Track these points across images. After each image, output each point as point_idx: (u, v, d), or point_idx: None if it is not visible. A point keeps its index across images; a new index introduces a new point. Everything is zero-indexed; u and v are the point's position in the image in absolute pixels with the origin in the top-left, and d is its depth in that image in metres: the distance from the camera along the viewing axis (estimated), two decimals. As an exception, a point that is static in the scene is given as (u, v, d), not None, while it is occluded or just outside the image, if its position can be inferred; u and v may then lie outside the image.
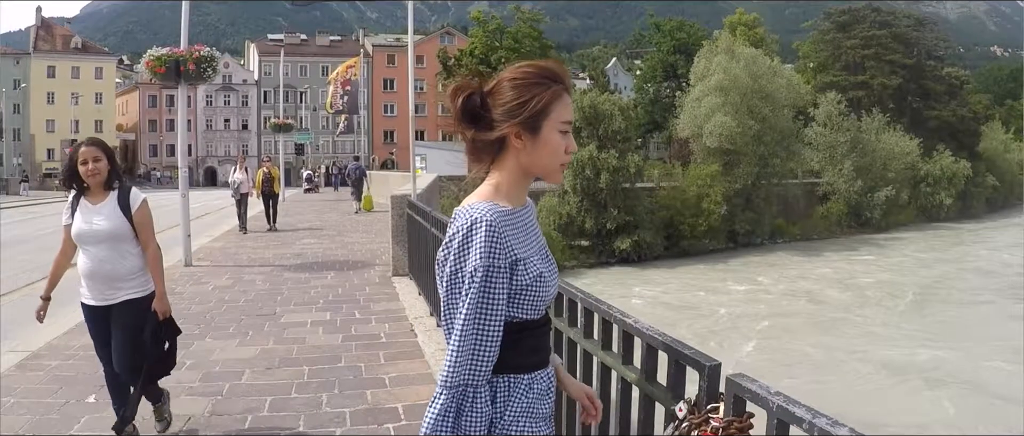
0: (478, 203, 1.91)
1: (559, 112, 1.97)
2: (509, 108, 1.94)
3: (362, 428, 4.83)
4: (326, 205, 32.26)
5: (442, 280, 1.91)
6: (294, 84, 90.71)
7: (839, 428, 1.57)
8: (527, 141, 1.96)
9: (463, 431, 1.86)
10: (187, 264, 12.58)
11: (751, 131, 43.89)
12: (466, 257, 1.85)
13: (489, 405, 1.90)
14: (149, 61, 12.08)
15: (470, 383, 1.85)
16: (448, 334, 1.89)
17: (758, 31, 65.75)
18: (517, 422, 1.94)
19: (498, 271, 1.85)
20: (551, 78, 1.98)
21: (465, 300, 1.84)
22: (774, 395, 1.79)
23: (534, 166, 1.99)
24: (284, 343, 7.22)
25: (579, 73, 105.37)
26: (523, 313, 1.94)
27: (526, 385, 1.98)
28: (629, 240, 39.31)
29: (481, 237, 1.83)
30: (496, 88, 1.97)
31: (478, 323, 1.83)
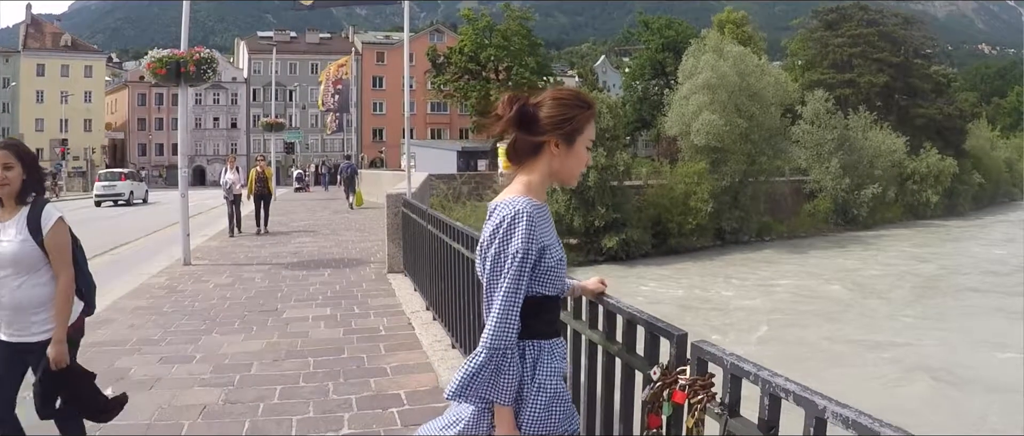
0: (517, 197, 2.32)
1: (589, 132, 2.43)
2: (554, 121, 2.36)
3: (368, 413, 5.14)
4: (318, 204, 32.52)
5: (486, 261, 2.30)
6: (284, 82, 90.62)
7: (777, 377, 2.03)
8: (562, 150, 2.39)
9: (501, 386, 2.25)
10: (186, 263, 12.84)
11: (738, 129, 44.11)
12: (510, 241, 2.25)
13: (519, 366, 2.30)
14: (150, 63, 12.33)
15: (507, 346, 2.24)
16: (489, 306, 2.29)
17: (746, 29, 65.92)
18: (550, 379, 2.36)
19: (531, 255, 2.27)
20: (588, 104, 2.43)
21: (506, 276, 2.24)
22: (728, 355, 2.24)
23: (562, 171, 2.43)
24: (288, 337, 7.52)
25: (568, 71, 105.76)
26: (548, 290, 2.38)
27: (549, 349, 2.41)
28: (617, 238, 39.43)
29: (523, 226, 2.24)
30: (542, 102, 2.39)
31: (515, 296, 2.25)
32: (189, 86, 13.06)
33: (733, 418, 2.23)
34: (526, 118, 2.35)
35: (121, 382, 6.01)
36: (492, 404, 2.29)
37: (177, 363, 6.61)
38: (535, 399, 2.33)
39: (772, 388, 2.04)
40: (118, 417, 5.10)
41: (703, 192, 42.80)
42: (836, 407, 1.81)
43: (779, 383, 2.02)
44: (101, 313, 8.66)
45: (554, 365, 2.40)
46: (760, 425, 2.11)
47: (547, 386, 2.35)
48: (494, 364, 2.23)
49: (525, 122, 2.36)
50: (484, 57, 63.53)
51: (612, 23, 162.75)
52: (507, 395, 2.26)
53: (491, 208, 2.38)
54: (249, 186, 19.17)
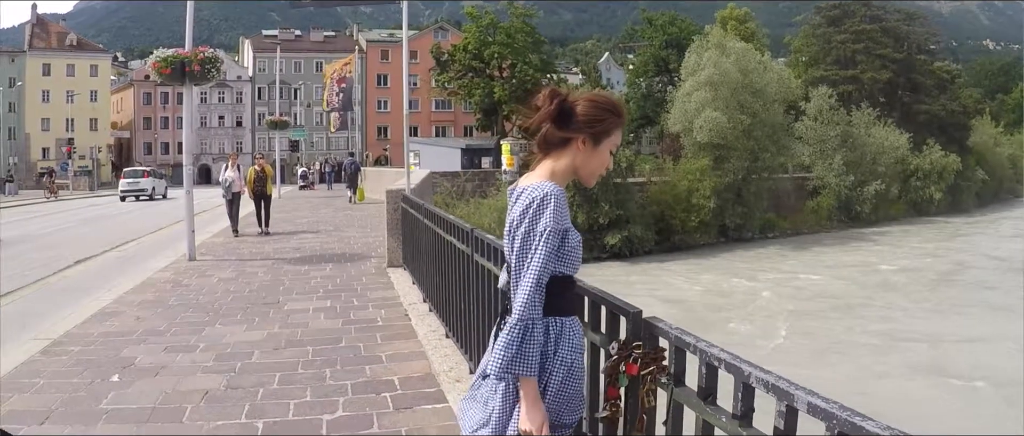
0: (544, 181, 2.46)
1: (615, 137, 2.59)
2: (588, 120, 2.53)
3: (362, 397, 5.37)
4: (322, 201, 32.81)
5: (515, 239, 2.43)
6: (288, 80, 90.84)
7: (712, 348, 2.26)
8: (588, 148, 2.55)
9: (528, 357, 2.40)
10: (191, 258, 13.11)
11: (741, 126, 44.18)
12: (538, 220, 2.39)
13: (543, 338, 2.46)
14: (155, 62, 12.61)
15: (534, 317, 2.40)
16: (516, 283, 2.44)
17: (749, 26, 65.99)
18: (571, 353, 2.52)
19: (558, 234, 2.41)
20: (619, 111, 2.59)
21: (536, 253, 2.38)
22: (673, 329, 2.49)
23: (584, 168, 2.58)
24: (289, 327, 7.76)
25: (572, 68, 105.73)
26: (570, 269, 2.53)
27: (570, 326, 2.56)
28: (620, 235, 39.52)
29: (552, 206, 2.38)
30: (578, 101, 2.55)
31: (544, 272, 2.39)
32: (194, 85, 13.29)
33: (678, 387, 2.47)
34: (563, 113, 2.51)
35: (127, 369, 6.29)
36: (516, 377, 2.44)
37: (181, 352, 6.85)
38: (557, 372, 2.48)
39: (708, 358, 2.26)
40: (124, 400, 5.41)
41: (705, 189, 42.88)
42: (760, 373, 2.03)
43: (714, 353, 2.23)
44: (108, 306, 9.03)
45: (575, 342, 2.55)
46: (699, 392, 2.34)
47: (568, 360, 2.50)
48: (521, 334, 2.39)
49: (562, 117, 2.51)
50: (488, 54, 63.64)
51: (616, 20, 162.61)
52: (532, 366, 2.40)
53: (519, 191, 2.52)
54: (248, 185, 18.41)
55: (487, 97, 63.91)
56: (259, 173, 18.28)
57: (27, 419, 5.14)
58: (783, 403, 1.92)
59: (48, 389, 5.83)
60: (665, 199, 42.93)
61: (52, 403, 5.46)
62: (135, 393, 5.64)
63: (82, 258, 15.47)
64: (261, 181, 18.27)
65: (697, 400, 2.34)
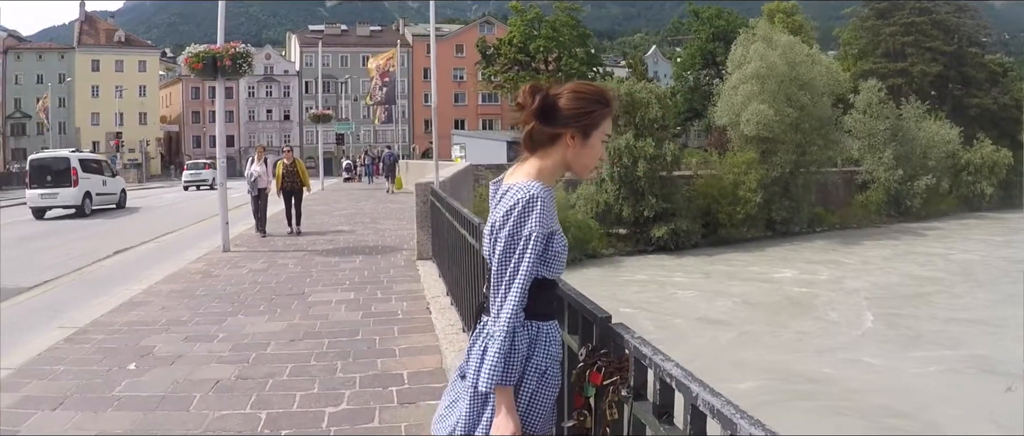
0: (530, 181, 2.35)
1: (605, 127, 2.46)
2: (574, 113, 2.40)
3: (368, 390, 5.38)
4: (363, 193, 33.04)
5: (498, 241, 2.33)
6: (335, 74, 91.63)
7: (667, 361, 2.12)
8: (577, 142, 2.43)
9: (511, 366, 2.29)
10: (225, 249, 13.27)
11: (788, 119, 43.59)
12: (524, 223, 2.28)
13: (525, 344, 2.36)
14: (187, 58, 12.85)
15: (517, 325, 2.29)
16: (497, 286, 2.33)
17: (797, 18, 65.09)
18: (546, 360, 2.42)
19: (543, 238, 2.31)
20: (607, 100, 2.46)
21: (521, 259, 2.28)
22: (634, 339, 2.34)
23: (576, 163, 2.46)
24: (309, 319, 7.81)
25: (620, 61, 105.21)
26: (551, 273, 2.41)
27: (546, 331, 2.44)
28: (666, 228, 39.31)
29: (538, 209, 2.28)
30: (562, 94, 2.42)
31: (527, 278, 2.29)
32: (225, 80, 13.44)
33: (638, 401, 2.32)
34: (547, 109, 2.39)
35: (145, 358, 6.40)
36: None
37: (200, 342, 6.95)
38: (529, 379, 2.39)
39: (661, 373, 2.12)
40: (136, 388, 5.50)
41: (752, 182, 42.51)
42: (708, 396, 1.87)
43: (668, 369, 2.08)
44: (137, 296, 9.18)
45: (550, 348, 2.44)
46: (655, 409, 2.20)
47: (541, 367, 2.40)
48: (509, 344, 2.28)
49: (546, 113, 2.39)
50: (533, 48, 63.73)
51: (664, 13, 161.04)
52: (513, 375, 2.30)
53: (503, 190, 2.43)
54: (277, 182, 16.57)
55: (533, 91, 63.83)
56: (288, 167, 16.50)
57: (41, 404, 5.27)
58: (727, 432, 1.80)
59: (66, 376, 5.96)
60: (711, 192, 42.64)
61: (67, 389, 5.59)
62: (148, 381, 5.72)
63: (121, 248, 15.76)
64: (290, 176, 16.43)
65: (652, 417, 2.21)
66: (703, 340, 21.96)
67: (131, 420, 4.90)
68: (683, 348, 20.16)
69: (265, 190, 16.04)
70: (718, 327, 23.74)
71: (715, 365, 18.23)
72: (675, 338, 21.65)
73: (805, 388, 17.55)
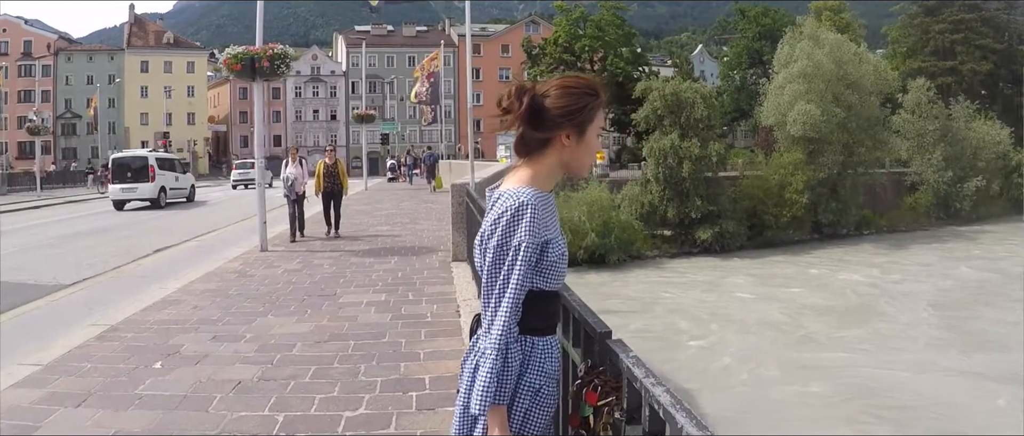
0: (522, 188, 2.24)
1: (598, 119, 2.36)
2: (565, 111, 2.29)
3: (387, 395, 5.34)
4: (406, 193, 33.25)
5: (487, 252, 2.23)
6: (381, 75, 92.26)
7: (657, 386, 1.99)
8: (574, 141, 2.32)
9: (503, 385, 2.19)
10: (263, 249, 13.40)
11: (836, 119, 42.75)
12: (513, 233, 2.18)
13: (519, 360, 2.24)
14: (226, 59, 12.99)
15: (510, 340, 2.19)
16: (487, 296, 2.22)
17: (844, 16, 63.87)
18: (540, 378, 2.30)
19: (535, 248, 2.20)
20: (596, 91, 2.35)
21: (511, 270, 2.17)
22: (629, 358, 2.21)
23: (574, 162, 2.35)
24: (337, 320, 7.81)
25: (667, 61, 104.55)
26: (547, 284, 2.29)
27: (542, 347, 2.32)
28: (711, 230, 38.86)
29: (527, 218, 2.17)
30: (548, 92, 2.30)
31: (519, 290, 2.18)
32: (264, 80, 13.56)
33: (631, 424, 2.19)
34: (536, 112, 2.28)
35: (171, 357, 6.46)
36: None
37: (227, 341, 7.00)
38: (522, 398, 2.28)
39: (651, 398, 1.99)
40: (160, 387, 5.54)
41: (798, 183, 41.83)
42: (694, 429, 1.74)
43: (656, 394, 1.95)
44: (171, 295, 9.28)
45: (545, 365, 2.32)
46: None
47: (535, 385, 2.29)
48: (501, 361, 2.17)
49: (535, 116, 2.28)
50: (578, 48, 63.45)
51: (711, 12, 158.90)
52: (506, 393, 2.21)
53: (494, 198, 2.31)
54: (316, 182, 15.79)
55: (578, 91, 63.67)
56: (330, 167, 15.72)
57: (65, 401, 5.34)
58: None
59: (93, 373, 6.04)
60: (757, 194, 42.04)
61: (93, 386, 5.66)
62: (172, 380, 5.77)
63: (162, 247, 15.96)
64: (331, 177, 15.63)
65: (642, 445, 2.07)
66: (764, 342, 21.54)
67: (150, 419, 4.93)
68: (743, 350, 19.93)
69: (302, 193, 15.22)
70: (778, 330, 23.26)
71: (781, 368, 17.99)
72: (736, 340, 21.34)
73: (873, 392, 17.14)
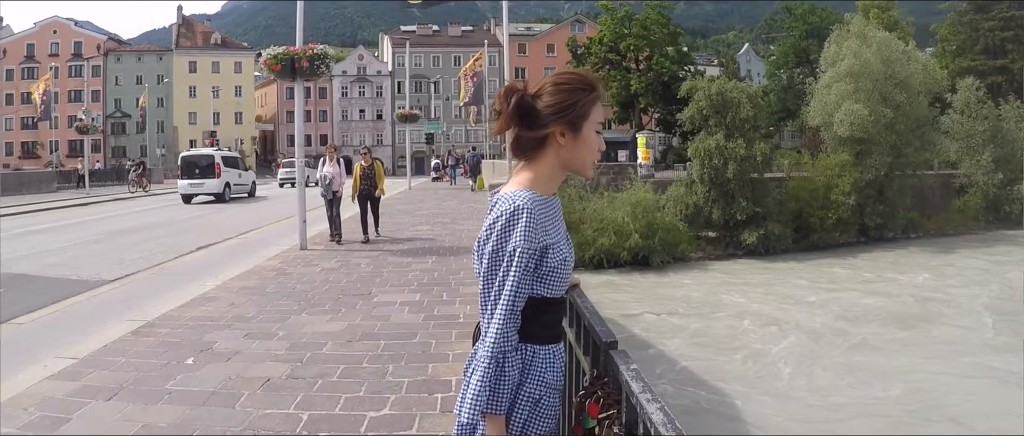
0: (520, 191, 2.17)
1: (595, 113, 2.27)
2: (556, 109, 2.21)
3: (413, 396, 5.34)
4: (448, 193, 33.42)
5: (483, 258, 2.17)
6: (427, 74, 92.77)
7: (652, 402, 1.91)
8: (569, 139, 2.24)
9: (500, 393, 2.11)
10: (302, 247, 13.55)
11: (884, 119, 41.92)
12: (508, 238, 2.11)
13: (518, 369, 2.16)
14: (266, 59, 13.21)
15: (507, 349, 2.11)
16: (484, 303, 2.16)
17: (892, 14, 62.69)
18: (540, 388, 2.21)
19: (533, 253, 2.13)
20: (590, 85, 2.27)
21: (506, 277, 2.10)
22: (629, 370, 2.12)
23: (572, 161, 2.27)
24: (370, 320, 7.84)
25: (713, 60, 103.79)
26: (548, 291, 2.22)
27: (544, 356, 2.24)
28: (757, 232, 38.36)
29: (523, 222, 2.10)
30: (541, 91, 2.24)
31: (516, 298, 2.11)
32: (304, 80, 13.70)
33: None
34: (525, 111, 2.22)
35: (203, 353, 6.56)
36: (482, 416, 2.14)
37: (259, 339, 7.07)
38: (521, 409, 2.20)
39: (644, 415, 1.90)
40: (189, 382, 5.62)
41: (845, 185, 41.11)
42: None
43: (650, 412, 1.87)
44: (210, 291, 9.40)
45: (545, 376, 2.24)
46: None
47: (534, 396, 2.21)
48: (495, 371, 2.11)
49: (524, 115, 2.22)
50: (624, 47, 63.27)
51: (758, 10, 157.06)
52: (503, 403, 2.13)
53: (492, 201, 2.26)
54: (353, 184, 15.25)
55: (624, 90, 63.52)
56: (366, 170, 15.13)
57: (97, 394, 5.45)
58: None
59: (126, 367, 6.15)
60: (803, 195, 41.40)
61: (125, 381, 5.77)
62: (202, 376, 5.83)
63: (204, 244, 16.17)
64: (367, 180, 15.07)
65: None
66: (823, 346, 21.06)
67: (177, 414, 4.99)
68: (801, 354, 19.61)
69: (339, 193, 14.97)
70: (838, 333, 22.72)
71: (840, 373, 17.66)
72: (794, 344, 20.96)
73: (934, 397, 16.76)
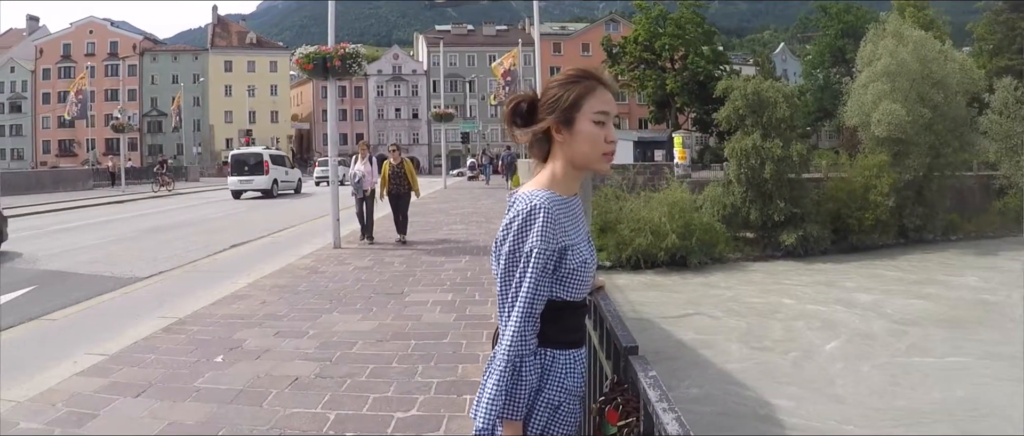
0: (537, 191, 2.13)
1: (591, 104, 2.18)
2: (547, 105, 2.20)
3: (441, 397, 5.27)
4: (483, 192, 33.34)
5: (500, 258, 2.11)
6: (462, 74, 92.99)
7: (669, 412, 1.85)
8: (565, 134, 2.19)
9: (516, 398, 2.06)
10: (336, 246, 13.56)
11: (922, 119, 41.30)
12: (525, 238, 2.06)
13: (536, 374, 2.11)
14: (298, 59, 13.22)
15: (525, 353, 2.06)
16: (502, 305, 2.11)
17: (928, 12, 61.55)
18: (560, 394, 2.16)
19: (551, 254, 2.07)
20: (584, 76, 2.22)
21: (523, 279, 2.05)
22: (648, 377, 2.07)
23: (575, 156, 2.20)
24: (401, 319, 7.78)
25: (748, 59, 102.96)
26: (568, 294, 2.16)
27: (564, 361, 2.18)
28: (795, 234, 37.93)
29: (540, 222, 2.05)
30: (543, 92, 2.25)
31: (534, 300, 2.06)
32: (336, 80, 13.73)
33: None
34: (517, 112, 2.25)
35: (233, 351, 6.55)
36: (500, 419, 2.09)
37: (290, 337, 7.04)
38: (539, 415, 2.15)
39: (659, 425, 1.85)
40: (218, 380, 5.61)
41: (883, 186, 40.54)
42: None
43: (665, 422, 1.81)
44: (242, 289, 9.42)
45: (565, 381, 2.18)
46: None
47: (554, 402, 2.16)
48: (511, 374, 2.06)
49: (520, 114, 2.25)
50: (659, 46, 62.95)
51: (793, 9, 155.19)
52: (520, 409, 2.08)
53: (510, 201, 2.21)
54: (382, 183, 14.66)
55: (659, 89, 63.20)
56: (396, 168, 14.56)
57: (125, 391, 5.46)
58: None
59: (156, 364, 6.17)
60: (841, 196, 40.91)
61: (153, 378, 5.78)
62: (231, 374, 5.82)
63: (238, 242, 16.24)
64: (397, 178, 14.55)
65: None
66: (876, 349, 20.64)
67: (204, 412, 4.98)
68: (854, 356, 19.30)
69: (371, 192, 14.70)
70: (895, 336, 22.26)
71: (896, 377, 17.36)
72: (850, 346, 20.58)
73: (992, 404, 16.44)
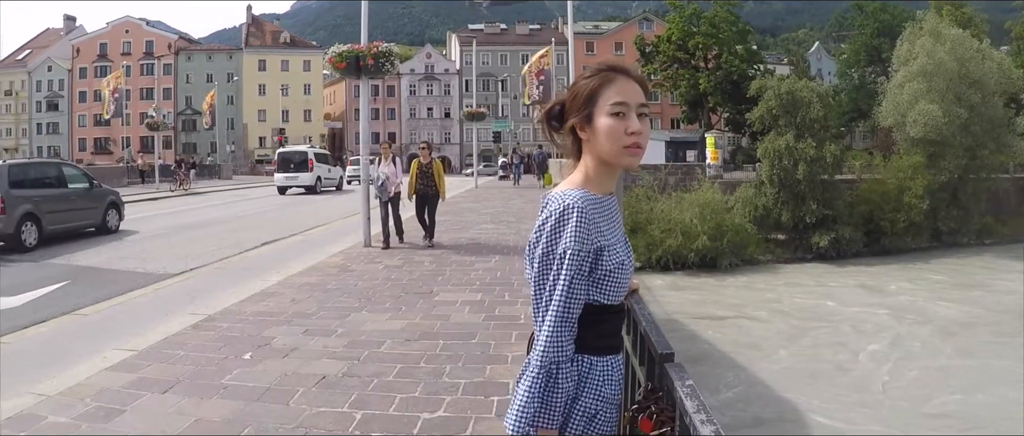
0: (570, 190, 2.06)
1: (607, 96, 2.10)
2: (570, 104, 2.16)
3: (468, 398, 5.25)
4: (514, 191, 33.30)
5: (533, 261, 2.04)
6: (495, 73, 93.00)
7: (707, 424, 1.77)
8: (588, 131, 2.11)
9: (552, 407, 1.97)
10: (366, 245, 13.59)
11: (958, 120, 40.58)
12: (558, 239, 1.98)
13: (573, 382, 2.02)
14: (331, 57, 13.30)
15: (561, 359, 1.97)
16: (536, 310, 2.03)
17: (966, 11, 60.58)
18: (597, 403, 2.07)
19: (586, 255, 1.99)
20: (603, 67, 2.17)
21: (557, 282, 1.97)
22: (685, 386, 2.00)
23: (601, 152, 2.10)
24: (430, 319, 7.77)
25: (782, 58, 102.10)
26: (605, 297, 2.06)
27: (602, 368, 2.09)
28: (828, 236, 37.48)
29: (573, 222, 1.97)
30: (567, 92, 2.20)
31: (569, 304, 1.97)
32: (369, 78, 13.76)
33: None
34: (550, 116, 2.22)
35: (261, 349, 6.58)
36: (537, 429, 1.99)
37: (318, 336, 7.06)
38: (575, 423, 2.06)
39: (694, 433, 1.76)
40: (246, 378, 5.63)
41: (918, 188, 39.93)
42: None
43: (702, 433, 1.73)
44: (272, 287, 9.46)
45: (602, 389, 2.09)
46: None
47: (590, 410, 2.07)
48: (544, 380, 1.97)
49: (555, 119, 2.21)
50: (692, 45, 62.55)
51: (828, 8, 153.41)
52: (555, 418, 1.99)
53: (544, 202, 2.11)
54: (410, 183, 13.89)
55: (692, 89, 62.81)
56: (424, 168, 13.87)
57: (153, 387, 5.50)
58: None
59: (184, 360, 6.21)
60: (874, 198, 40.36)
61: (182, 374, 5.81)
62: (258, 372, 5.84)
63: (269, 240, 16.34)
64: (425, 178, 13.84)
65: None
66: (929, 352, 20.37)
67: (231, 409, 4.99)
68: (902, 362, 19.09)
69: (397, 195, 14.04)
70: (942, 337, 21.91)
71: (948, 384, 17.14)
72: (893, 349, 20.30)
73: None
